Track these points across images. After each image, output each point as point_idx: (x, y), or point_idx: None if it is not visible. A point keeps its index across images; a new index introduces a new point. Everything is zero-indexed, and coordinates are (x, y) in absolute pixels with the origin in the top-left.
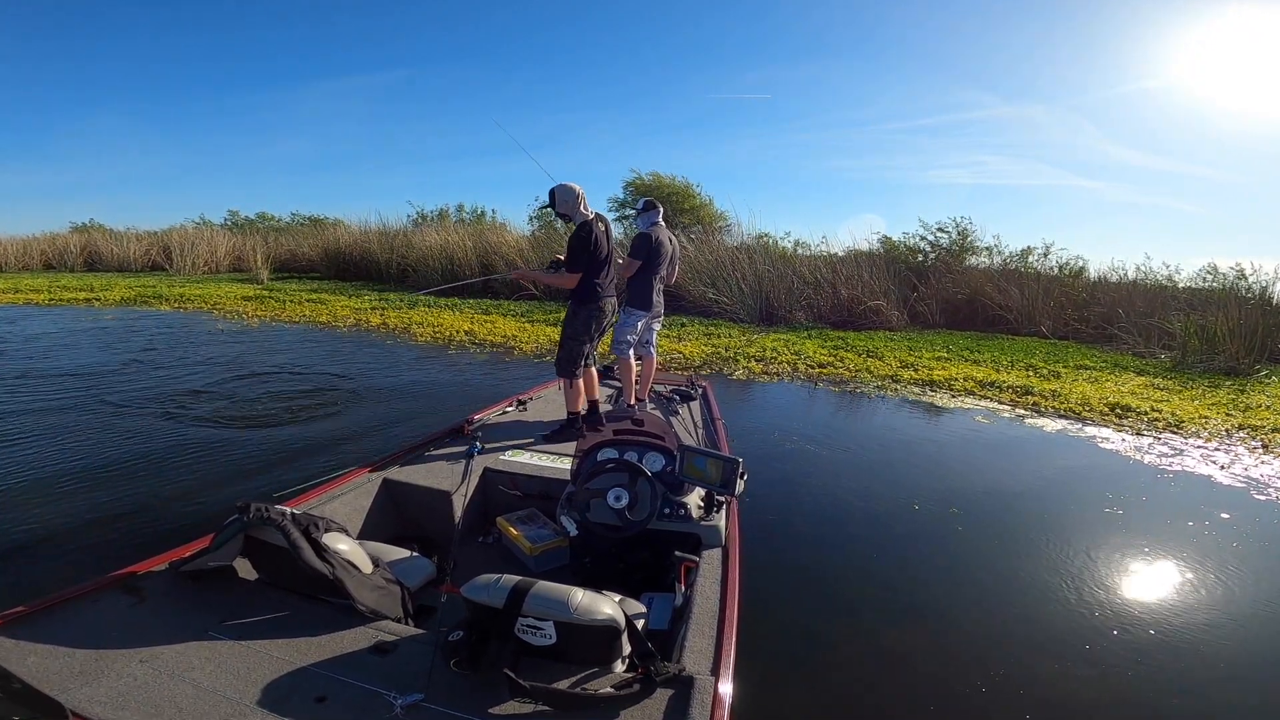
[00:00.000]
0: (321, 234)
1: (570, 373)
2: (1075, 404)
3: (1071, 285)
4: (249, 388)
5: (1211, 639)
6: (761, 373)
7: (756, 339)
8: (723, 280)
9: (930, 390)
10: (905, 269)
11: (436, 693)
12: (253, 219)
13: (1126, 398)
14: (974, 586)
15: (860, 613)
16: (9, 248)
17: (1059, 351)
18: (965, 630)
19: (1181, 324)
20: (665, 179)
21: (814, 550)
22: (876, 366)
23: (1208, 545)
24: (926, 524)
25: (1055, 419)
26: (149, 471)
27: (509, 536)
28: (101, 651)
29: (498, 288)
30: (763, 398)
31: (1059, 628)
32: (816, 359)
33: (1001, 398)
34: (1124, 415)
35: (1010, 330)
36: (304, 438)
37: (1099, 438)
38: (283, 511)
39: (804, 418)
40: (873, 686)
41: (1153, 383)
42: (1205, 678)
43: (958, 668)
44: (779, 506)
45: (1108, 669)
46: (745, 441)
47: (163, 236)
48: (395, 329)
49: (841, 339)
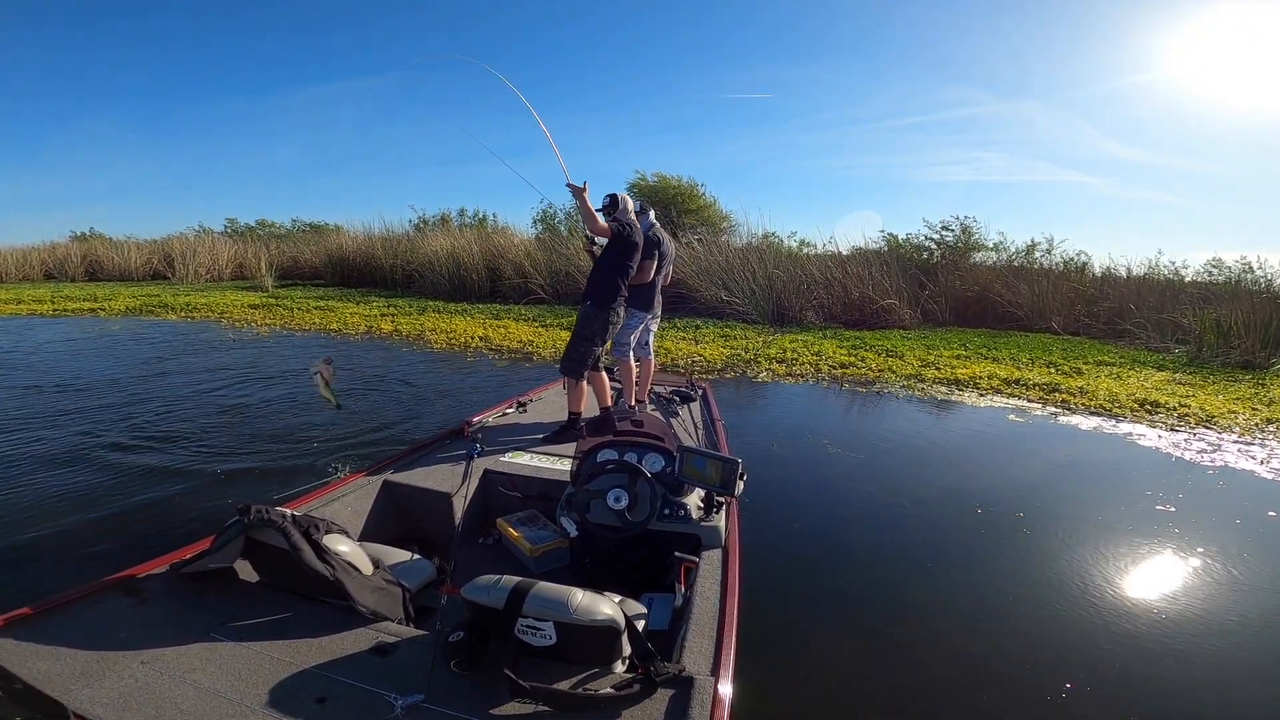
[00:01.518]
0: (323, 240)
1: (579, 373)
2: (1104, 400)
3: (1079, 281)
4: (267, 395)
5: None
6: (785, 374)
7: (773, 340)
8: (735, 281)
9: (957, 389)
10: (914, 267)
11: (437, 693)
12: (252, 226)
13: (1152, 393)
14: (996, 587)
15: (861, 613)
16: (9, 257)
17: (1075, 348)
18: (970, 632)
19: (1196, 319)
20: (670, 179)
21: (821, 549)
22: (898, 366)
23: (1265, 543)
24: (962, 523)
25: (1087, 416)
26: (155, 477)
27: (509, 538)
28: (103, 653)
29: (505, 292)
30: (788, 400)
31: (1092, 628)
32: (837, 359)
33: (1030, 395)
34: (1154, 411)
35: (1021, 327)
36: (327, 446)
37: (1135, 434)
38: (283, 513)
39: (832, 419)
40: (873, 687)
41: (1173, 378)
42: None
43: (959, 669)
44: (804, 507)
45: (1150, 671)
46: (771, 444)
47: (163, 245)
48: (409, 335)
49: (858, 339)
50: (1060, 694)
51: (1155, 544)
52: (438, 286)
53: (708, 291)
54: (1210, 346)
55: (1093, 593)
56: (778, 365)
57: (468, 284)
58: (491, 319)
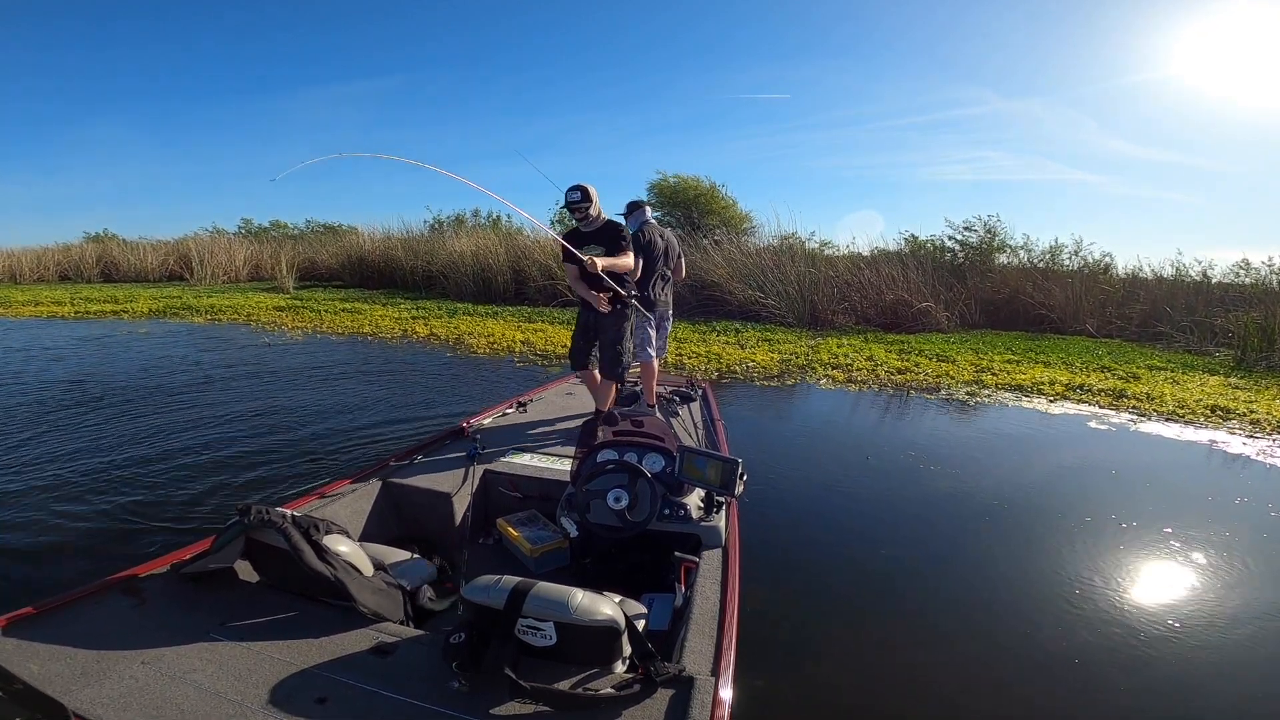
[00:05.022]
0: (340, 241)
1: (621, 376)
2: (1174, 407)
3: (1108, 282)
4: (308, 399)
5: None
6: (845, 381)
7: (819, 344)
8: (768, 283)
9: (1024, 395)
10: (945, 271)
11: (437, 694)
12: (266, 227)
13: (1217, 398)
14: (1079, 594)
15: (861, 613)
16: (23, 259)
17: (1119, 351)
18: (977, 634)
19: (1236, 322)
20: (690, 180)
21: (831, 553)
22: (954, 371)
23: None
24: (1059, 531)
25: (1163, 423)
26: (156, 476)
27: (509, 538)
28: (103, 653)
29: (530, 294)
30: (866, 408)
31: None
32: (891, 365)
33: (1099, 401)
34: (1226, 417)
35: (1055, 329)
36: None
37: (1219, 441)
38: (283, 514)
39: (912, 429)
40: (873, 687)
41: (1228, 382)
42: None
43: (962, 669)
44: (917, 522)
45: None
46: (866, 456)
47: (179, 245)
48: (448, 340)
49: (903, 343)
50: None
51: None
52: (462, 288)
53: (743, 294)
54: (1255, 350)
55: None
56: (836, 372)
57: (493, 286)
58: (525, 322)
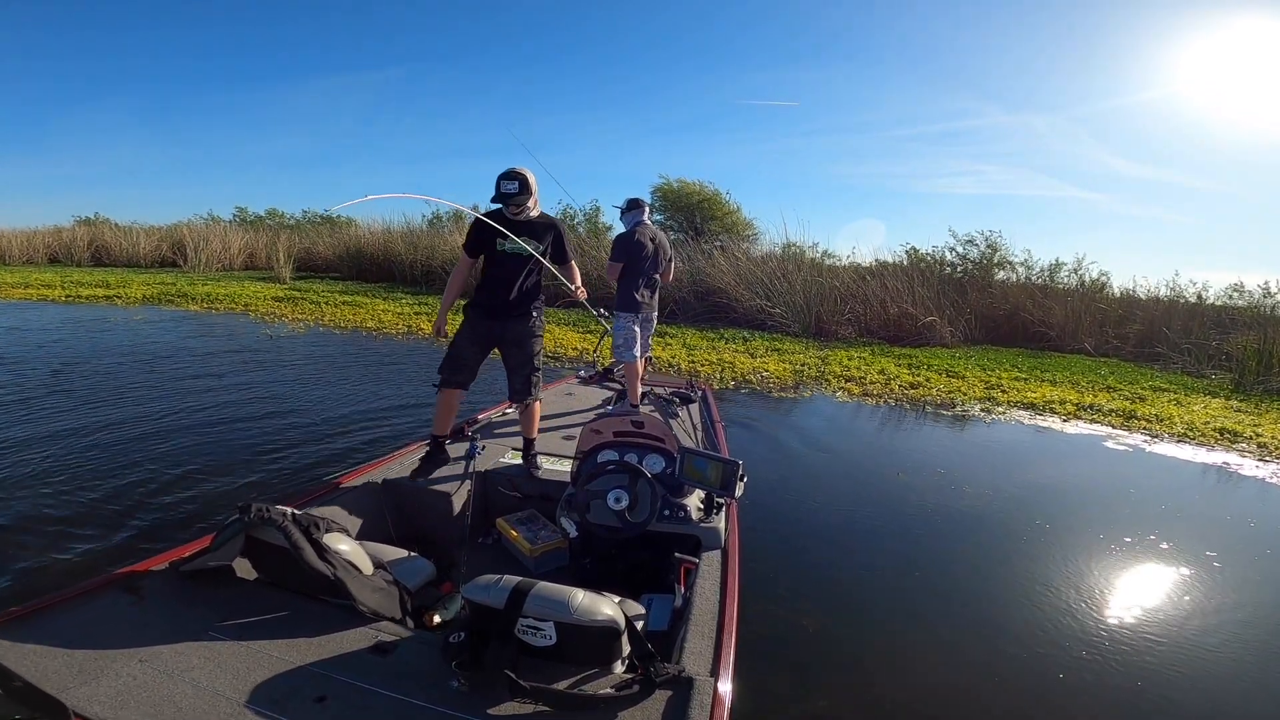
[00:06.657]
0: (338, 233)
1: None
2: (1183, 429)
3: (1105, 301)
4: (332, 399)
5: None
6: (861, 394)
7: (828, 355)
8: (776, 292)
9: (1037, 413)
10: (948, 285)
11: (437, 693)
12: (262, 215)
13: (1223, 421)
14: (1084, 611)
15: (861, 615)
16: (13, 240)
17: (1120, 371)
18: (976, 635)
19: (1234, 345)
20: (693, 185)
21: (837, 559)
22: (963, 387)
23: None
24: (1092, 549)
25: (1176, 444)
26: (157, 476)
27: (509, 538)
28: (101, 651)
29: None
30: (890, 424)
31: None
32: (904, 379)
33: (1110, 422)
34: (1234, 440)
35: (1053, 347)
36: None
37: (1231, 464)
38: (283, 512)
39: (935, 445)
40: (873, 688)
41: (1229, 405)
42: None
43: (963, 671)
44: (968, 544)
45: None
46: (898, 472)
47: (172, 231)
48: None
49: (910, 357)
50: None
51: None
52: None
53: (749, 301)
54: (1252, 373)
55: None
56: (851, 385)
57: None
58: None
